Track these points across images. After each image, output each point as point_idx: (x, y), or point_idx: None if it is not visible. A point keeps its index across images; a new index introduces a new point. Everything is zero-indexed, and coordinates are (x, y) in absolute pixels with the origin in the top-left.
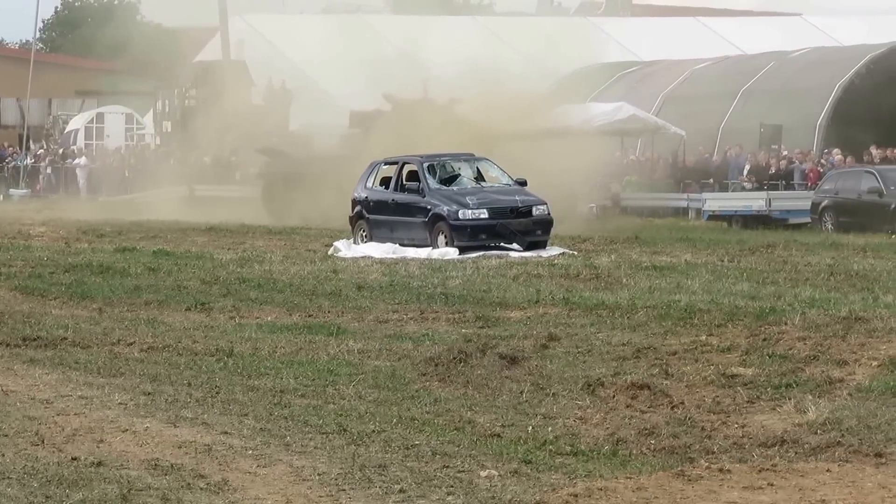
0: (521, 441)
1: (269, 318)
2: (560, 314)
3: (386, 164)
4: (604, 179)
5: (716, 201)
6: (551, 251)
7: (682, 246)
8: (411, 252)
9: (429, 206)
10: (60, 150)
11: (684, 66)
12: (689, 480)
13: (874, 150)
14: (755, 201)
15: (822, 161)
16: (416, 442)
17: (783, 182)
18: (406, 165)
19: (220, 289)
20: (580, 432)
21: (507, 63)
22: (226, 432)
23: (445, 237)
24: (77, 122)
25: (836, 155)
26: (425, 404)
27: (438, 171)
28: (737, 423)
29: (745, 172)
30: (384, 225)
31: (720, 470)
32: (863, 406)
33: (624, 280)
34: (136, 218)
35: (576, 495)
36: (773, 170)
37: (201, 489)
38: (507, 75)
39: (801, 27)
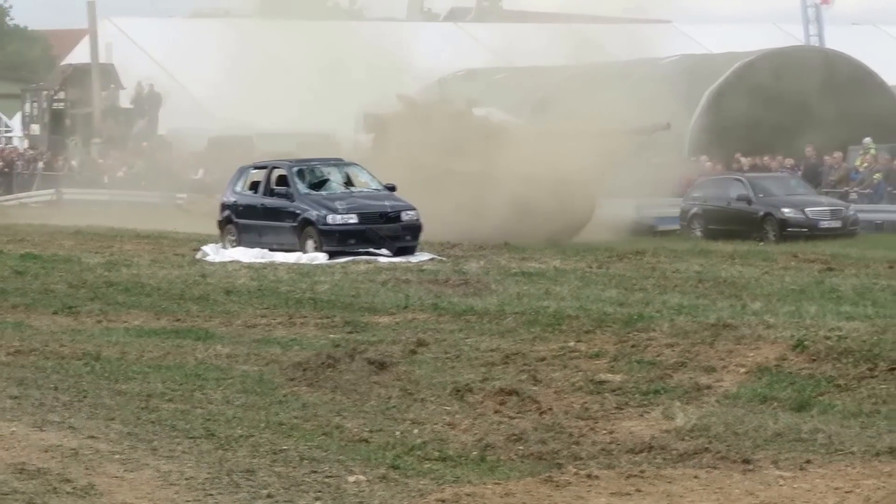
0: (390, 446)
1: (136, 323)
2: (429, 320)
3: (255, 168)
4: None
5: None
6: (420, 257)
7: (550, 252)
8: (280, 257)
9: (298, 211)
10: None
11: (555, 73)
12: (557, 486)
13: (742, 158)
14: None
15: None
16: (284, 447)
17: None
18: (275, 170)
19: (88, 292)
20: (448, 438)
21: (379, 68)
22: (92, 436)
23: (314, 242)
24: None
25: (706, 162)
26: (293, 409)
27: (307, 176)
28: (605, 429)
29: None
30: (253, 230)
31: (588, 476)
32: (730, 413)
33: (493, 286)
34: (3, 221)
35: (444, 501)
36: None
37: (67, 493)
38: (376, 80)
39: (671, 34)
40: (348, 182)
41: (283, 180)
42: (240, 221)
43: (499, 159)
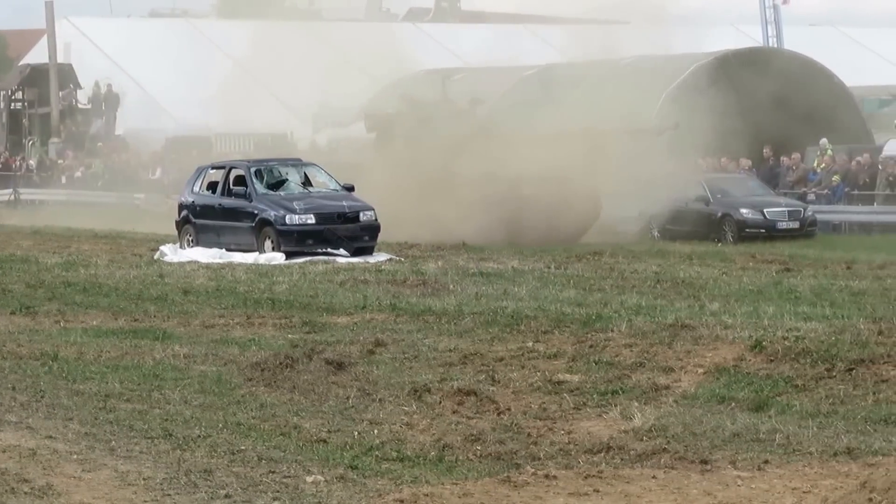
0: (348, 446)
1: (94, 323)
2: (387, 320)
3: (213, 168)
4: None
5: None
6: (378, 257)
7: (509, 252)
8: (238, 257)
9: (256, 211)
10: None
11: (512, 74)
12: (515, 486)
13: (700, 160)
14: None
15: None
16: (242, 447)
17: None
18: (233, 170)
19: (46, 293)
20: (406, 438)
21: (338, 68)
22: (50, 436)
23: (272, 242)
24: None
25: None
26: (251, 409)
27: (266, 176)
28: (563, 429)
29: None
30: (211, 230)
31: (546, 476)
32: (688, 413)
33: (451, 286)
34: None
35: (402, 501)
36: None
37: (25, 493)
38: (335, 80)
39: (629, 35)
40: (306, 182)
41: (241, 180)
42: (198, 222)
43: (501, 159)
